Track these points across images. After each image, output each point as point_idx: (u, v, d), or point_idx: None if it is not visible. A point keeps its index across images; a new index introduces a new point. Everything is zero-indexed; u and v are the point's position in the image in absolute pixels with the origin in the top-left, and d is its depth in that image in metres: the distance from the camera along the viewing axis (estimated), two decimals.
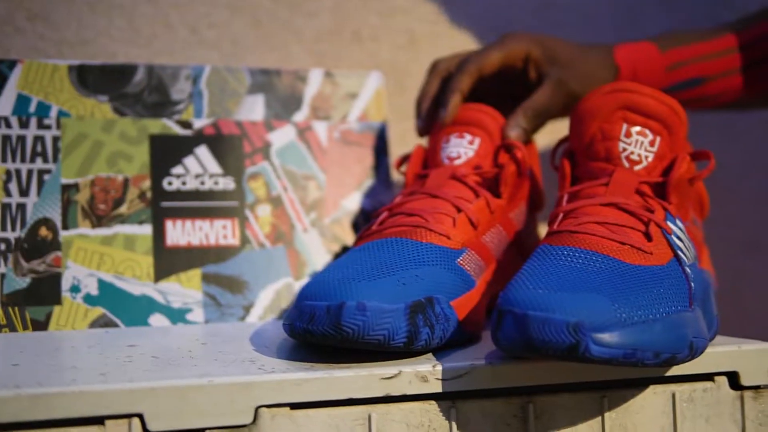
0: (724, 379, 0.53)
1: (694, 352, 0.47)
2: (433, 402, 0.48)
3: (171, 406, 0.44)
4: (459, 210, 0.56)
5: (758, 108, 0.88)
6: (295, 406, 0.46)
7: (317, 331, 0.47)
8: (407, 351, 0.49)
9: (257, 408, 0.46)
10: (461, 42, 0.89)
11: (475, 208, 0.57)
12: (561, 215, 0.54)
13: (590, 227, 0.51)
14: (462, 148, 0.61)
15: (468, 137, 0.62)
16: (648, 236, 0.51)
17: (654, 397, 0.52)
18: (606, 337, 0.43)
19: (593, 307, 0.44)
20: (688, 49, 0.75)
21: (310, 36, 0.83)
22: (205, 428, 0.45)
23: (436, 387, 0.48)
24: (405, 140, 0.82)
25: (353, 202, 0.70)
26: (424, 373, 0.48)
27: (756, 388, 0.54)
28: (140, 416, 0.44)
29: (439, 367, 0.48)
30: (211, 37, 0.81)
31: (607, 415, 0.50)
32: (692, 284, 0.50)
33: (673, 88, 0.74)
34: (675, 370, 0.52)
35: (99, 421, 0.43)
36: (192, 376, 0.45)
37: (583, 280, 0.46)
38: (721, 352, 0.53)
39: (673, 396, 0.52)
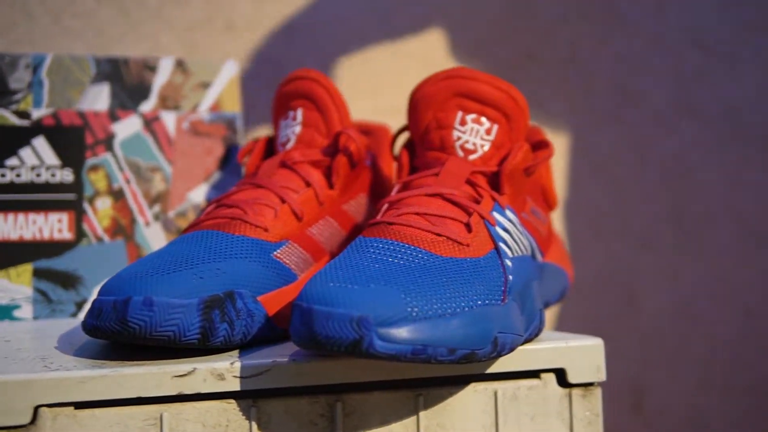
0: (551, 376, 0.51)
1: (500, 348, 0.45)
2: (233, 401, 0.46)
3: None
4: (283, 201, 0.54)
5: None
6: (80, 405, 0.44)
7: (105, 327, 0.45)
8: (205, 348, 0.46)
9: (38, 407, 0.43)
10: (340, 31, 0.87)
11: (301, 199, 0.55)
12: (386, 206, 0.52)
13: (408, 218, 0.49)
14: (289, 130, 0.59)
15: (291, 114, 0.59)
16: (469, 227, 0.50)
17: (475, 395, 0.50)
18: (393, 332, 0.41)
19: (381, 300, 0.42)
20: None
21: (181, 25, 0.81)
22: None
23: (234, 385, 0.45)
24: None
25: (200, 195, 0.67)
26: (220, 370, 0.45)
27: (586, 385, 0.52)
28: None
29: (238, 365, 0.45)
30: (76, 26, 0.78)
31: (422, 414, 0.48)
32: (510, 277, 0.48)
33: None
34: (498, 367, 0.50)
35: None
36: None
37: (380, 273, 0.44)
38: (548, 349, 0.51)
39: (495, 394, 0.50)
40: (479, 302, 0.45)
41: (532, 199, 0.58)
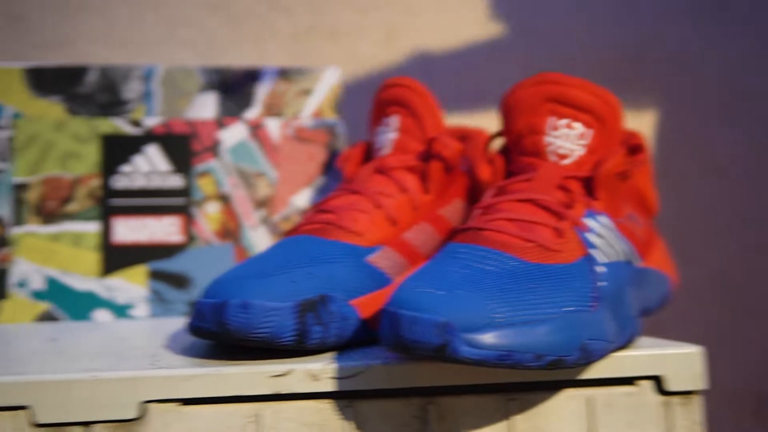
0: (648, 384, 0.50)
1: (589, 355, 0.45)
2: (329, 401, 0.47)
3: (57, 400, 0.45)
4: (378, 206, 0.55)
5: None
6: (186, 402, 0.47)
7: (205, 329, 0.47)
8: (301, 349, 0.48)
9: (145, 403, 0.46)
10: (440, 35, 0.87)
11: (396, 204, 0.56)
12: (478, 211, 0.53)
13: (499, 224, 0.50)
14: (384, 136, 0.60)
15: (387, 120, 0.60)
16: (559, 233, 0.49)
17: (568, 401, 0.49)
18: (478, 337, 0.42)
19: (467, 306, 0.42)
20: None
21: (287, 33, 0.83)
22: (92, 422, 0.45)
23: (329, 386, 0.47)
24: None
25: (303, 199, 0.69)
26: (315, 371, 0.47)
27: (686, 393, 0.51)
28: (28, 408, 0.45)
29: (332, 366, 0.47)
30: (187, 35, 0.82)
31: (514, 418, 0.49)
32: (601, 284, 0.48)
33: None
34: (592, 373, 0.49)
35: None
36: (80, 371, 0.46)
37: (467, 279, 0.44)
38: (644, 356, 0.50)
39: (590, 400, 0.50)
40: (567, 309, 0.45)
41: (630, 204, 0.57)
